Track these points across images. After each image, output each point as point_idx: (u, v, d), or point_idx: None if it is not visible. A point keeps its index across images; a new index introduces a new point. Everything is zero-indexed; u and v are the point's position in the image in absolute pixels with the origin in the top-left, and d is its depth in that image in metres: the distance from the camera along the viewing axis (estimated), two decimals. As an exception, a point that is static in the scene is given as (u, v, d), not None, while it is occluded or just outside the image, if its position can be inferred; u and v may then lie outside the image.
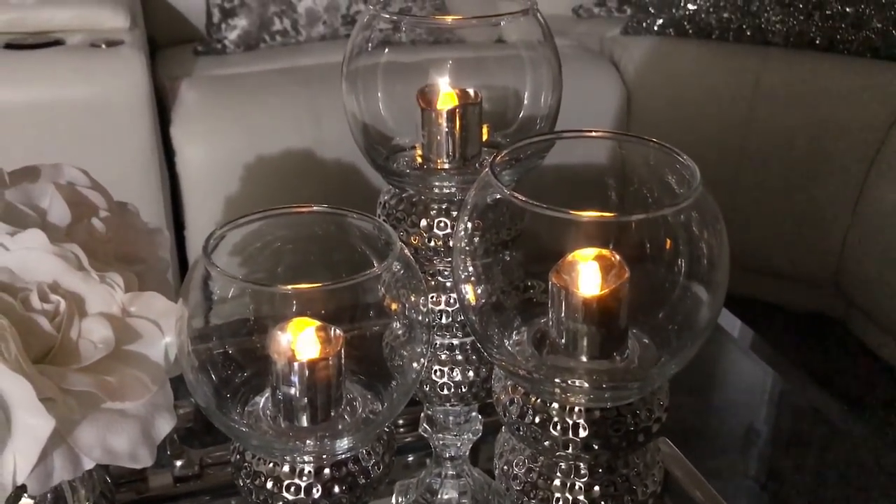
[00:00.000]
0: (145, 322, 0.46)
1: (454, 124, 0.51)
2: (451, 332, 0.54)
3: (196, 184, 1.45)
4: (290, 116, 1.46)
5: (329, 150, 1.46)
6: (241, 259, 0.45)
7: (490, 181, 0.40)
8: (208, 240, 0.43)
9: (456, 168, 0.52)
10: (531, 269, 0.45)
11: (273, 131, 1.46)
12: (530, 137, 0.43)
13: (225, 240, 0.44)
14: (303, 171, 1.48)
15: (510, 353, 0.43)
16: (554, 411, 0.42)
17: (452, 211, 0.51)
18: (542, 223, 0.40)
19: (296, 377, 0.44)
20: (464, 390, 0.54)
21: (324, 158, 1.47)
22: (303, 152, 1.46)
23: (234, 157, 1.42)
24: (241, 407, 0.46)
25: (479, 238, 0.43)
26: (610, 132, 0.42)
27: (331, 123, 1.46)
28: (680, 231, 0.39)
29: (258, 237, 0.46)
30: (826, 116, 1.50)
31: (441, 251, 0.51)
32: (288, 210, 0.46)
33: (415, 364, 0.46)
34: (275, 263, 0.47)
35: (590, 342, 0.42)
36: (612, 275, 0.42)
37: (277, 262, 0.47)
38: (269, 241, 0.47)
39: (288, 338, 0.44)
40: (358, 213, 0.46)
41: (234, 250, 0.45)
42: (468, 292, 0.44)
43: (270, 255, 0.47)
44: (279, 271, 0.48)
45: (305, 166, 1.47)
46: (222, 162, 1.43)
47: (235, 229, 0.45)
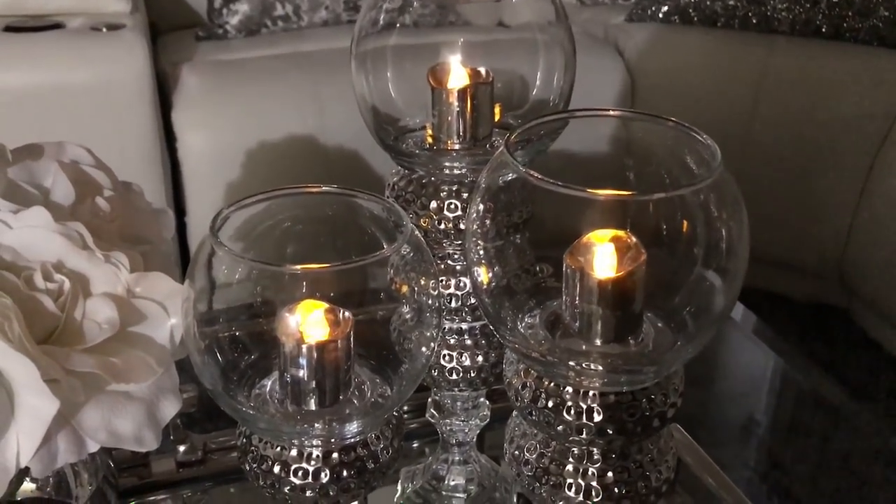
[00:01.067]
0: (150, 303, 0.45)
1: (465, 104, 0.50)
2: (460, 317, 0.53)
3: (197, 170, 1.44)
4: (292, 102, 1.45)
5: (332, 136, 1.45)
6: (247, 240, 0.45)
7: (506, 160, 0.39)
8: (215, 219, 0.42)
9: (467, 149, 0.51)
10: (544, 251, 0.44)
11: (275, 117, 1.45)
12: (546, 115, 0.42)
13: (231, 221, 0.44)
14: (305, 156, 1.46)
15: (523, 336, 0.43)
16: (568, 395, 0.41)
17: (463, 192, 0.50)
18: (557, 203, 0.39)
19: (304, 360, 0.44)
20: (472, 375, 0.54)
21: (326, 144, 1.45)
22: (305, 138, 1.45)
23: (236, 142, 1.40)
24: (249, 390, 0.45)
25: (491, 220, 0.42)
26: (626, 110, 0.41)
27: (333, 109, 1.44)
28: (698, 212, 0.38)
29: (265, 218, 0.46)
30: (832, 105, 1.49)
31: (451, 234, 0.50)
32: (296, 190, 0.45)
33: (424, 348, 0.46)
34: (282, 244, 0.47)
35: (604, 325, 0.41)
36: (629, 257, 0.41)
37: (285, 243, 0.46)
38: (277, 222, 0.46)
39: (296, 319, 0.43)
40: (367, 193, 0.46)
41: (241, 231, 0.45)
42: (481, 275, 0.43)
43: (278, 237, 0.46)
44: (287, 252, 0.47)
45: (308, 152, 1.46)
46: (224, 148, 1.42)
47: (242, 209, 0.44)
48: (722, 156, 0.37)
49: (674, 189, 0.37)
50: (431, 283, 0.45)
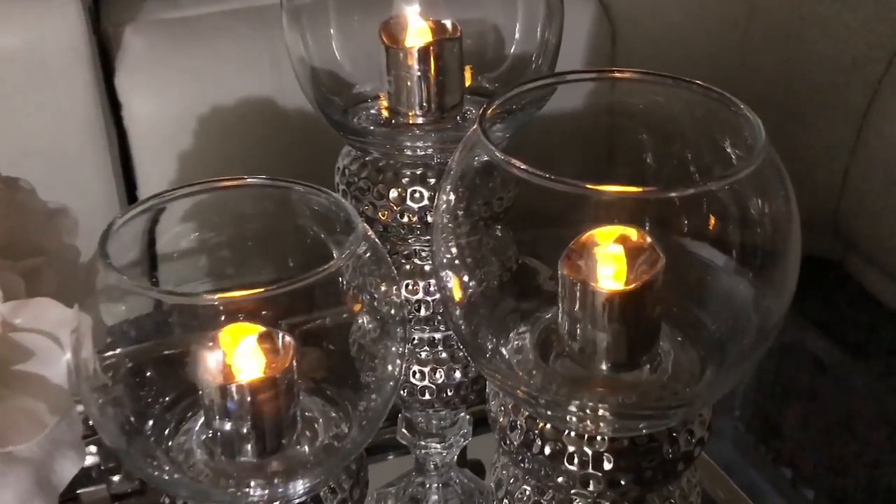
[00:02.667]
0: (38, 336, 0.35)
1: (428, 66, 0.40)
2: (431, 326, 0.44)
3: (146, 139, 1.34)
4: (246, 63, 1.34)
5: (291, 98, 1.34)
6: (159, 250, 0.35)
7: (479, 141, 0.30)
8: (106, 234, 0.32)
9: (432, 122, 0.41)
10: (533, 249, 0.35)
11: (228, 79, 1.34)
12: (530, 81, 0.32)
13: (133, 227, 0.34)
14: (263, 121, 1.36)
15: (508, 368, 0.34)
16: (569, 440, 0.32)
17: (430, 178, 0.40)
18: (548, 196, 0.30)
19: (234, 404, 0.34)
20: (449, 394, 0.45)
21: (285, 107, 1.35)
22: (262, 101, 1.35)
23: (187, 108, 1.30)
24: (168, 440, 0.36)
25: (465, 212, 0.33)
26: (636, 72, 0.31)
27: (290, 70, 1.33)
28: (735, 207, 0.29)
29: (178, 222, 0.36)
30: (825, 48, 1.40)
31: (417, 228, 0.41)
32: (213, 185, 0.35)
33: (390, 367, 0.37)
34: (203, 255, 0.37)
35: (613, 349, 0.32)
36: (643, 262, 0.32)
37: (206, 253, 0.37)
38: (194, 227, 0.36)
39: (218, 356, 0.34)
40: (306, 185, 0.36)
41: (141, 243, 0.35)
42: (451, 282, 0.34)
43: (196, 245, 0.37)
44: (209, 264, 0.38)
45: (266, 116, 1.35)
46: (174, 114, 1.31)
47: (143, 215, 0.34)
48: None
49: (703, 182, 0.28)
50: (394, 290, 0.36)
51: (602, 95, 0.34)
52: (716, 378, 0.32)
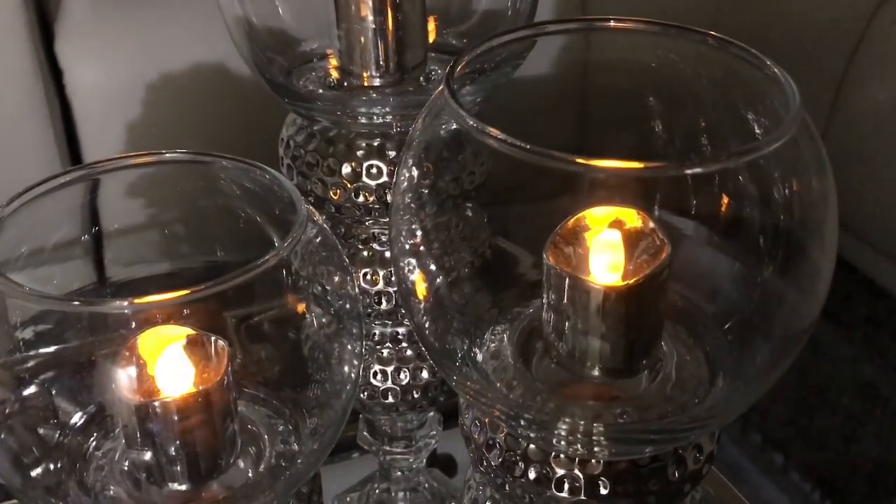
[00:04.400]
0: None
1: (385, 18, 0.34)
2: (394, 320, 0.38)
3: (91, 109, 1.25)
4: (197, 26, 1.26)
5: (244, 65, 1.27)
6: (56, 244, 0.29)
7: (447, 105, 0.24)
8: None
9: (391, 84, 0.35)
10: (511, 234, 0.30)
11: (178, 44, 1.26)
12: (506, 32, 0.27)
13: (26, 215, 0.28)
14: (216, 89, 1.28)
15: (480, 374, 0.28)
16: (558, 462, 0.27)
17: (389, 150, 0.35)
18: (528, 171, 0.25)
19: (159, 425, 0.29)
20: (416, 396, 0.39)
21: (240, 74, 1.27)
22: (215, 67, 1.27)
23: (134, 75, 1.22)
24: (81, 469, 0.31)
25: (429, 190, 0.28)
26: (635, 22, 0.26)
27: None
28: (760, 187, 0.24)
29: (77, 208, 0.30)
30: (799, 8, 1.35)
31: (374, 209, 0.35)
32: (124, 163, 0.29)
33: (346, 369, 0.31)
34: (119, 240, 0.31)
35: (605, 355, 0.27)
36: (643, 250, 0.27)
37: (122, 238, 0.31)
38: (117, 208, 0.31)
39: (137, 368, 0.28)
40: (237, 159, 0.30)
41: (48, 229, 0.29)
42: (413, 272, 0.28)
43: (113, 230, 0.31)
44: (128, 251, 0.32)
45: (218, 83, 1.28)
46: (120, 82, 1.23)
47: (42, 198, 0.28)
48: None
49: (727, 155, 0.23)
50: (347, 281, 0.30)
51: (592, 52, 0.28)
52: (732, 391, 0.27)
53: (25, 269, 0.27)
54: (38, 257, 0.28)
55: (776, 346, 0.26)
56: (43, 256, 0.28)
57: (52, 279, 0.29)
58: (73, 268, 0.30)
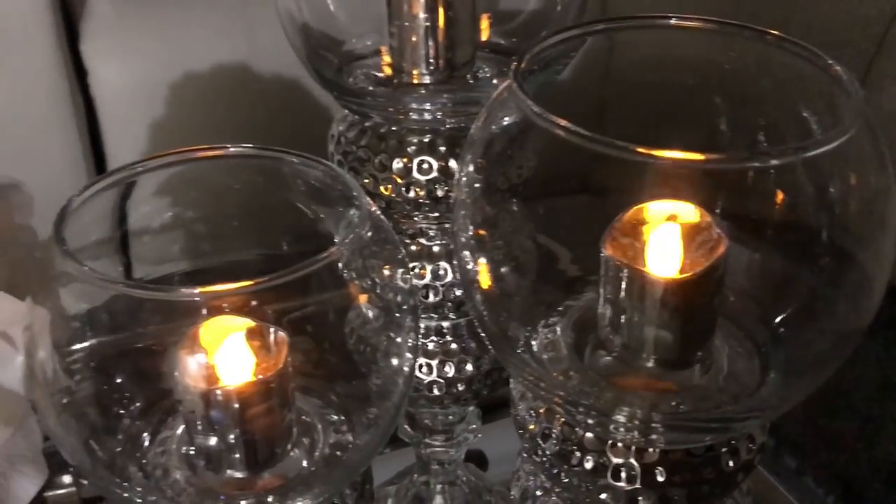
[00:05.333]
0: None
1: (436, 16, 0.35)
2: (440, 314, 0.39)
3: (115, 108, 1.27)
4: (219, 27, 1.27)
5: (267, 64, 1.27)
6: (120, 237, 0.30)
7: (514, 98, 0.25)
8: (62, 213, 0.27)
9: (440, 82, 0.36)
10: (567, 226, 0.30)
11: (200, 44, 1.27)
12: (576, 27, 0.27)
13: (96, 206, 0.29)
14: (238, 88, 1.29)
15: (538, 363, 0.29)
16: (615, 451, 0.28)
17: (439, 146, 0.35)
18: (591, 163, 0.25)
19: (220, 412, 0.29)
20: (460, 389, 0.40)
21: (261, 73, 1.28)
22: (237, 67, 1.28)
23: (158, 75, 1.23)
24: (142, 453, 0.31)
25: (491, 185, 0.28)
26: (701, 19, 0.26)
27: (267, 33, 1.26)
28: (820, 183, 0.25)
29: (152, 197, 0.31)
30: (820, 9, 1.35)
31: (424, 204, 0.36)
32: (188, 156, 0.30)
33: (399, 362, 0.32)
34: (180, 233, 0.32)
35: (660, 346, 0.28)
36: (700, 244, 0.27)
37: (184, 231, 0.32)
38: (170, 202, 0.31)
39: (200, 359, 0.29)
40: (299, 154, 0.31)
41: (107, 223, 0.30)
42: (475, 265, 0.28)
43: (172, 223, 0.31)
44: (187, 244, 0.32)
45: (240, 83, 1.29)
46: (144, 81, 1.24)
47: (109, 191, 0.29)
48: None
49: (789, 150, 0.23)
50: (401, 274, 0.31)
51: (646, 49, 0.28)
52: (785, 383, 0.27)
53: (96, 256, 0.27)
54: (107, 246, 0.28)
55: (830, 342, 0.26)
56: (112, 245, 0.29)
57: (118, 267, 0.30)
58: (157, 249, 0.31)
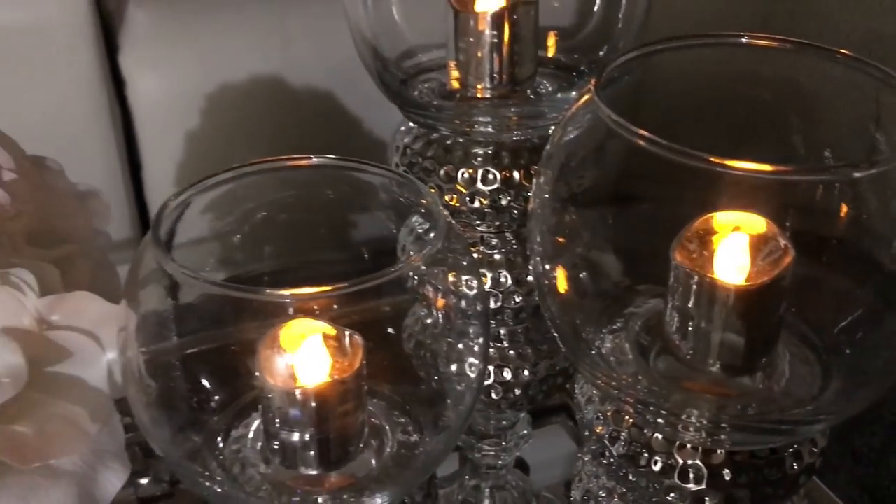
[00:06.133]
0: (76, 334, 0.32)
1: (501, 33, 0.36)
2: (498, 320, 0.40)
3: (151, 117, 1.28)
4: (254, 39, 1.29)
5: (300, 76, 1.29)
6: (210, 235, 0.31)
7: (596, 111, 0.26)
8: (160, 214, 0.28)
9: (503, 96, 0.37)
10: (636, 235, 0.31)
11: (236, 56, 1.29)
12: (657, 42, 0.28)
13: (189, 209, 0.30)
14: (272, 99, 1.31)
15: (607, 367, 0.30)
16: (682, 453, 0.29)
17: (504, 157, 0.37)
18: (666, 174, 0.27)
19: (299, 410, 0.31)
20: (517, 394, 0.41)
21: (294, 85, 1.30)
22: (271, 79, 1.30)
23: (194, 85, 1.25)
24: (219, 448, 0.33)
25: (567, 196, 0.29)
26: (770, 38, 0.27)
27: (302, 44, 1.28)
28: (884, 198, 0.26)
29: (234, 204, 0.32)
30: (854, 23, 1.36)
31: (488, 213, 0.37)
32: (277, 164, 0.31)
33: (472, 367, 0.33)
34: (261, 241, 0.33)
35: (725, 352, 0.29)
36: (767, 254, 0.28)
37: (264, 239, 0.33)
38: (252, 210, 0.33)
39: (287, 359, 0.30)
40: (376, 165, 0.32)
41: (202, 224, 0.31)
42: (549, 271, 0.30)
43: (255, 231, 0.33)
44: (266, 251, 0.34)
45: (275, 94, 1.30)
46: (180, 92, 1.26)
47: (202, 194, 0.30)
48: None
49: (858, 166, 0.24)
50: (474, 282, 0.32)
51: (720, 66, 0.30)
52: (848, 391, 0.28)
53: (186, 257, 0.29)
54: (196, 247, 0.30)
55: (891, 353, 0.27)
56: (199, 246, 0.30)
57: (205, 267, 0.31)
58: (219, 258, 0.32)
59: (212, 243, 0.31)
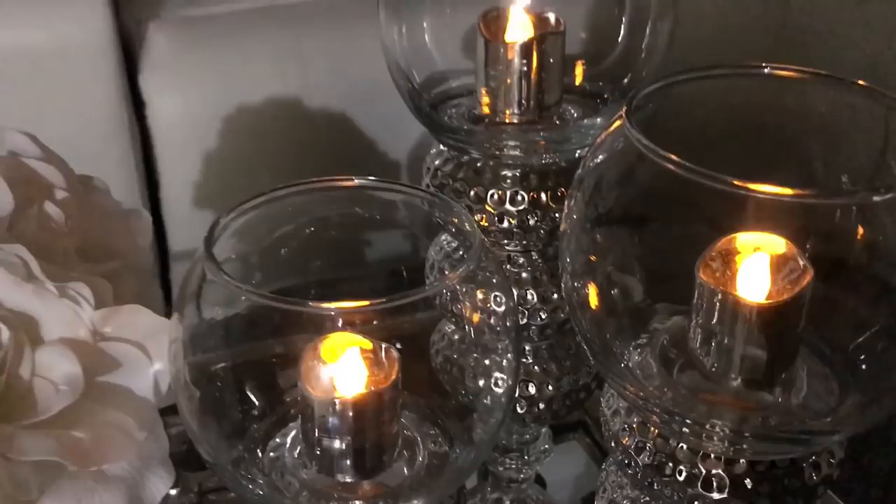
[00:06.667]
0: (126, 345, 0.33)
1: (529, 62, 0.38)
2: (525, 336, 0.41)
3: (170, 138, 1.31)
4: (272, 62, 1.31)
5: (317, 98, 1.32)
6: (253, 254, 0.33)
7: (628, 136, 0.28)
8: (211, 232, 0.30)
9: (531, 122, 0.39)
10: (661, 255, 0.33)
11: (253, 78, 1.31)
12: (682, 72, 0.30)
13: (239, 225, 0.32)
14: (289, 121, 1.34)
15: (634, 378, 0.31)
16: (706, 462, 0.30)
17: (532, 179, 0.38)
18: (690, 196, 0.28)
19: (337, 419, 0.32)
20: (541, 408, 0.42)
21: (312, 106, 1.33)
22: (288, 100, 1.32)
23: (212, 107, 1.27)
24: (260, 455, 0.34)
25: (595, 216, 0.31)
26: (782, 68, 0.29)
27: (318, 67, 1.31)
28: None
29: (276, 224, 0.34)
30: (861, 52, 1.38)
31: (516, 233, 0.39)
32: (320, 185, 0.33)
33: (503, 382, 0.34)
34: (302, 259, 0.35)
35: (750, 366, 0.30)
36: (787, 274, 0.30)
37: (306, 256, 0.35)
38: (294, 230, 0.34)
39: (329, 371, 0.31)
40: (411, 187, 0.34)
41: (245, 242, 0.33)
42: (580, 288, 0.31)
43: (297, 249, 0.34)
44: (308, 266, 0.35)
45: (292, 115, 1.33)
46: (198, 113, 1.29)
47: (250, 212, 0.32)
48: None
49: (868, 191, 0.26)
50: (504, 299, 0.34)
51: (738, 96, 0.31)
52: (864, 405, 0.30)
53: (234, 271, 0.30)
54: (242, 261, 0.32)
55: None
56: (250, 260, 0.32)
57: (252, 280, 0.33)
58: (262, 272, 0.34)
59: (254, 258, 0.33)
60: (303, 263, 0.34)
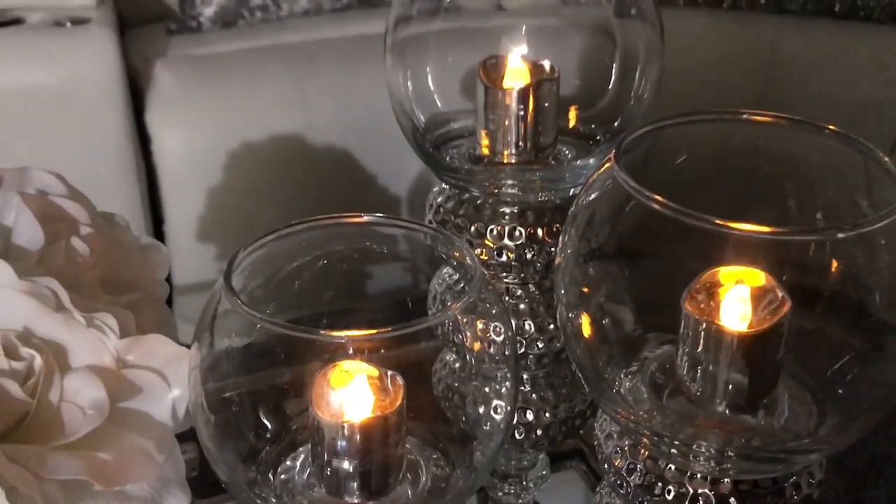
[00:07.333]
0: (147, 372, 0.35)
1: (526, 106, 0.40)
2: (523, 365, 0.43)
3: (175, 173, 1.34)
4: (275, 99, 1.35)
5: (319, 134, 1.35)
6: (268, 287, 0.35)
7: (616, 177, 0.30)
8: (230, 266, 0.32)
9: (527, 162, 0.41)
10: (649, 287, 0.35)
11: (257, 115, 1.35)
12: (670, 118, 0.32)
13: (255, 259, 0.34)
14: (292, 157, 1.37)
15: (625, 403, 0.34)
16: (693, 482, 0.32)
17: (529, 216, 0.40)
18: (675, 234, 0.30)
19: (346, 442, 0.34)
20: (538, 434, 0.44)
21: (314, 143, 1.36)
22: (291, 137, 1.35)
23: (216, 143, 1.30)
24: (271, 477, 0.36)
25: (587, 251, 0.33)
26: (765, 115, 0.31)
27: (320, 105, 1.34)
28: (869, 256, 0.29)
29: (289, 257, 0.36)
30: (848, 90, 1.41)
31: (514, 266, 0.41)
32: (331, 221, 0.35)
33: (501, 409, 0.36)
34: (312, 291, 0.37)
35: (733, 391, 0.32)
36: (766, 304, 0.32)
37: (316, 288, 0.37)
38: (306, 264, 0.36)
39: (338, 396, 0.33)
40: (415, 223, 0.36)
41: (259, 275, 0.35)
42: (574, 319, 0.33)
43: (308, 281, 0.37)
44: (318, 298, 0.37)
45: (294, 152, 1.36)
46: (202, 149, 1.32)
47: (266, 246, 0.34)
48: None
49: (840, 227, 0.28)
50: (503, 329, 0.36)
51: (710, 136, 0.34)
52: (841, 426, 0.32)
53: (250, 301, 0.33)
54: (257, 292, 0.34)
55: (880, 394, 0.31)
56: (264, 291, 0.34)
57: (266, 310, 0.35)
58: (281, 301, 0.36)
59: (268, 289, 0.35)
60: (313, 295, 0.36)
